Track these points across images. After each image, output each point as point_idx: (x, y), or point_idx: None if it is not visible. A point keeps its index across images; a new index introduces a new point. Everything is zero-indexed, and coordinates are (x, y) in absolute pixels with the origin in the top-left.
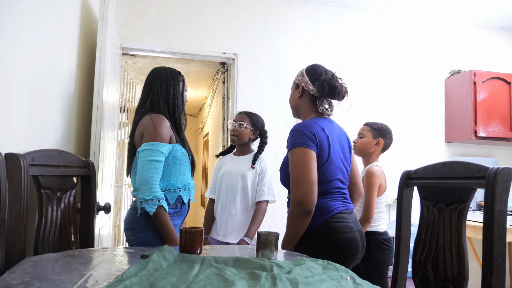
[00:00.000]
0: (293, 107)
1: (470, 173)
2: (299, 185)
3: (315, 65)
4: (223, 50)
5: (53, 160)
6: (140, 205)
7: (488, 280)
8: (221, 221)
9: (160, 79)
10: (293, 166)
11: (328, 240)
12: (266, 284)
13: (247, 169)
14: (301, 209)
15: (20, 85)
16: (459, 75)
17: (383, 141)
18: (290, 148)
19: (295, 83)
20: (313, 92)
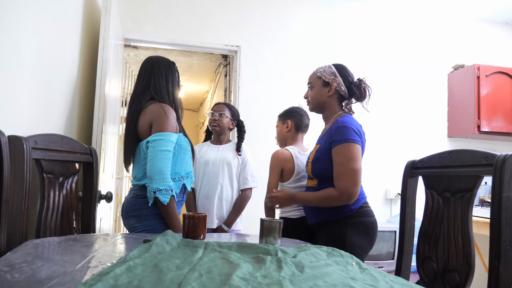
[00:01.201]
0: (319, 103)
1: (477, 160)
2: (352, 177)
3: (345, 66)
4: (226, 42)
5: (56, 145)
6: (152, 194)
7: (495, 268)
8: (206, 210)
9: (159, 67)
10: (346, 159)
11: (366, 222)
12: (272, 267)
13: (232, 157)
14: (346, 198)
15: (23, 67)
16: (462, 69)
17: (291, 121)
18: (342, 142)
19: (324, 81)
20: (343, 93)
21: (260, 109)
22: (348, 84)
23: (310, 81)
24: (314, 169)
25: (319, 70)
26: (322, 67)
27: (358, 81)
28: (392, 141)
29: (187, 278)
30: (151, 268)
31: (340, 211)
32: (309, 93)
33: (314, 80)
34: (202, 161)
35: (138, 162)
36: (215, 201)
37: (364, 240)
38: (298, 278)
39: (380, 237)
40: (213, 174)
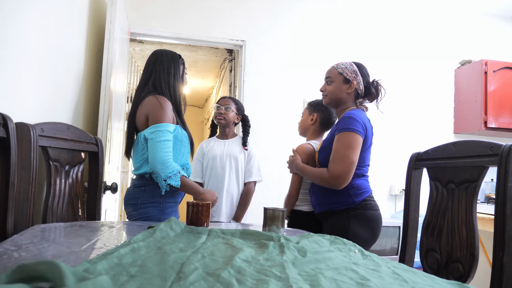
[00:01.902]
0: (337, 98)
1: (483, 151)
2: (345, 164)
3: (364, 66)
4: (231, 36)
5: (62, 133)
6: (164, 184)
7: (499, 258)
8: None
9: (161, 61)
10: (343, 146)
11: (369, 215)
12: (274, 252)
13: (238, 151)
14: (335, 184)
15: (30, 55)
16: (469, 65)
17: (318, 115)
18: (344, 131)
19: (345, 77)
20: (360, 92)
21: (265, 103)
22: (366, 83)
23: (330, 75)
24: (320, 157)
25: (340, 66)
26: (343, 63)
27: (376, 83)
28: (398, 137)
29: (190, 259)
30: (154, 250)
31: (343, 202)
32: (327, 87)
33: (334, 76)
34: (210, 156)
35: (136, 153)
36: (224, 195)
37: (367, 233)
38: (300, 261)
39: (384, 233)
40: (220, 168)
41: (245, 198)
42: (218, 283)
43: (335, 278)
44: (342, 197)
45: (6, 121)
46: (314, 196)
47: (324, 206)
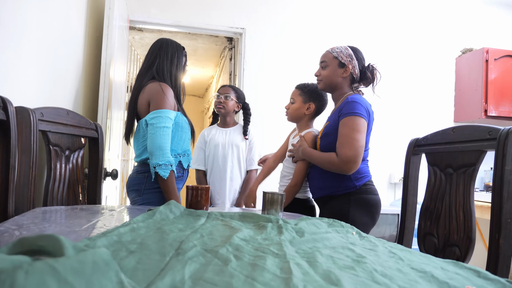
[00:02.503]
0: (332, 83)
1: (481, 135)
2: (355, 148)
3: (360, 50)
4: (231, 24)
5: (62, 118)
6: (153, 170)
7: (496, 241)
8: (219, 190)
9: (166, 49)
10: (350, 130)
11: (369, 199)
12: (272, 232)
13: (240, 139)
14: (346, 168)
15: (29, 39)
16: (471, 53)
17: (314, 105)
18: (349, 115)
19: (340, 61)
20: (356, 76)
21: (265, 92)
22: (362, 68)
23: (325, 59)
24: (322, 144)
25: (335, 50)
26: (338, 47)
27: (371, 67)
28: (398, 126)
29: (188, 237)
30: (154, 230)
31: (343, 187)
32: (321, 71)
33: (329, 60)
34: (212, 144)
35: (137, 139)
36: (227, 182)
37: (366, 217)
38: (298, 240)
39: (383, 220)
40: (223, 156)
41: (246, 185)
42: (216, 258)
43: (332, 255)
44: (343, 181)
45: (6, 104)
46: (313, 181)
47: (323, 191)
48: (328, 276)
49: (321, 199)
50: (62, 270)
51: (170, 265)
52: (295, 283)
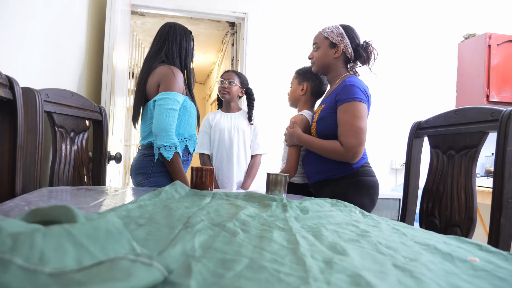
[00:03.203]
0: (325, 65)
1: (483, 117)
2: (358, 135)
3: (352, 28)
4: (233, 9)
5: (67, 100)
6: (157, 151)
7: (497, 220)
8: (227, 174)
9: (175, 33)
10: (352, 117)
11: (367, 181)
12: (277, 210)
13: (245, 124)
14: (351, 157)
15: (34, 21)
16: (473, 38)
17: (308, 84)
18: (349, 101)
19: (331, 42)
20: (350, 55)
21: (267, 77)
22: (355, 46)
23: (316, 41)
24: (318, 128)
25: (325, 30)
26: (329, 27)
27: (365, 44)
28: (399, 111)
29: (195, 213)
30: (161, 207)
31: (342, 169)
32: (314, 53)
33: (320, 41)
34: (217, 129)
35: (145, 121)
36: (235, 166)
37: (366, 200)
38: (303, 217)
39: (384, 205)
40: (229, 141)
41: (251, 170)
42: (224, 231)
43: (336, 230)
44: (341, 165)
45: (12, 83)
46: (308, 166)
47: (320, 175)
48: (334, 247)
49: (317, 184)
50: (78, 235)
51: (180, 236)
52: (303, 252)
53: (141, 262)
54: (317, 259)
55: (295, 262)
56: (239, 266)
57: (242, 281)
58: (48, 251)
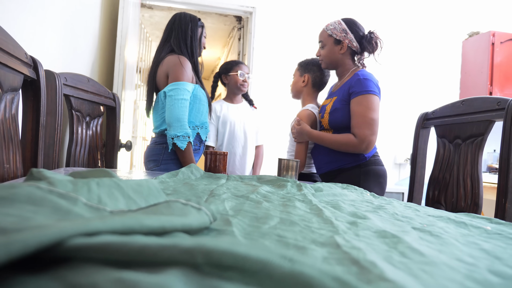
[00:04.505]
0: (332, 61)
1: (490, 106)
2: (371, 127)
3: (355, 21)
4: (241, 3)
5: (83, 85)
6: (171, 141)
7: (502, 205)
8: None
9: (180, 22)
10: (365, 109)
11: (378, 170)
12: (292, 190)
13: (251, 114)
14: (364, 147)
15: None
16: (477, 36)
17: (309, 76)
18: (363, 93)
19: (336, 39)
20: (356, 49)
21: (274, 71)
22: (359, 39)
23: (321, 39)
24: (331, 119)
25: (329, 27)
26: (331, 23)
27: (369, 35)
28: (403, 107)
29: (216, 189)
30: (181, 184)
31: (355, 159)
32: (321, 51)
33: (325, 39)
34: (226, 121)
35: (156, 111)
36: (247, 156)
37: (376, 188)
38: (319, 194)
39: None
40: (239, 132)
41: (257, 161)
42: (248, 201)
43: (353, 204)
44: (352, 154)
45: (37, 64)
46: (320, 156)
47: (332, 165)
48: (355, 213)
49: (329, 173)
50: (125, 187)
51: (209, 201)
52: (327, 215)
53: (192, 206)
54: (341, 221)
55: (322, 222)
56: (272, 222)
57: (278, 231)
58: (104, 196)
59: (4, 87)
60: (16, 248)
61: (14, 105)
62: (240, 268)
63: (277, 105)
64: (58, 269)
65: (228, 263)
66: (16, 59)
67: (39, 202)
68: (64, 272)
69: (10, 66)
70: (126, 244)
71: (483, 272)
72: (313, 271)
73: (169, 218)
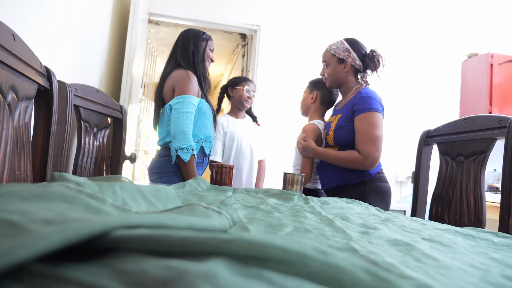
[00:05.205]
0: (336, 80)
1: (491, 124)
2: (375, 143)
3: (357, 40)
4: (246, 21)
5: (92, 96)
6: (175, 153)
7: (505, 222)
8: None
9: (183, 38)
10: (369, 126)
11: (383, 187)
12: (299, 203)
13: (255, 130)
14: (369, 163)
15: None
16: (476, 57)
17: (318, 93)
18: (367, 111)
19: (339, 58)
20: (359, 67)
21: (278, 87)
22: (362, 57)
23: (325, 59)
24: (336, 136)
25: (332, 47)
26: (334, 43)
27: (371, 53)
28: (404, 126)
29: (225, 200)
30: (190, 194)
31: (360, 175)
32: (325, 70)
33: (328, 58)
34: (233, 137)
35: (162, 124)
36: (253, 172)
37: (381, 204)
38: (326, 207)
39: None
40: (245, 148)
41: (261, 175)
42: (259, 211)
43: (361, 217)
44: (358, 170)
45: (50, 74)
46: (325, 172)
47: (337, 181)
48: (365, 224)
49: (334, 189)
50: (146, 192)
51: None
52: (338, 225)
53: (213, 210)
54: (353, 230)
55: (335, 230)
56: (287, 229)
57: (294, 237)
58: (127, 199)
59: (20, 95)
60: (72, 234)
61: (27, 114)
62: (277, 259)
63: (280, 121)
64: (106, 258)
65: (265, 254)
66: (32, 68)
67: (71, 200)
68: (112, 260)
69: (26, 75)
70: (169, 236)
71: (496, 276)
72: (345, 263)
73: (195, 219)
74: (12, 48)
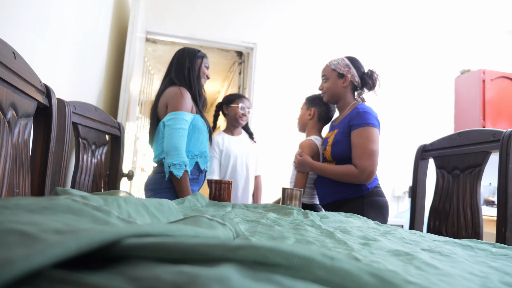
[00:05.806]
0: (334, 94)
1: (485, 138)
2: (372, 158)
3: (357, 59)
4: (243, 39)
5: (91, 114)
6: (167, 169)
7: (502, 234)
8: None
9: (178, 57)
10: (365, 141)
11: (380, 201)
12: (299, 217)
13: (251, 147)
14: (366, 179)
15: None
16: (468, 73)
17: (315, 110)
18: (363, 126)
19: (339, 73)
20: (357, 84)
21: (274, 104)
22: (361, 75)
23: (324, 73)
24: (333, 151)
25: (332, 63)
26: (335, 59)
27: (370, 72)
28: (400, 141)
29: (225, 215)
30: (190, 210)
31: (358, 189)
32: (324, 85)
33: (328, 73)
34: (229, 154)
35: (157, 141)
36: (249, 190)
37: (379, 219)
38: (326, 221)
39: None
40: (245, 166)
41: (258, 193)
42: (260, 225)
43: (361, 230)
44: (356, 185)
45: (50, 92)
46: (323, 187)
47: (335, 196)
48: (365, 237)
49: (332, 204)
50: (149, 206)
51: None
52: (339, 237)
53: (217, 221)
54: (354, 242)
55: (336, 242)
56: (289, 241)
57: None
58: (132, 212)
59: (19, 112)
60: (85, 241)
61: (27, 131)
62: (285, 265)
63: (277, 137)
64: (118, 266)
65: (274, 259)
66: (32, 86)
67: (78, 212)
68: (124, 267)
69: (26, 93)
70: (180, 243)
71: (496, 283)
72: (352, 267)
73: (201, 229)
74: (12, 66)
